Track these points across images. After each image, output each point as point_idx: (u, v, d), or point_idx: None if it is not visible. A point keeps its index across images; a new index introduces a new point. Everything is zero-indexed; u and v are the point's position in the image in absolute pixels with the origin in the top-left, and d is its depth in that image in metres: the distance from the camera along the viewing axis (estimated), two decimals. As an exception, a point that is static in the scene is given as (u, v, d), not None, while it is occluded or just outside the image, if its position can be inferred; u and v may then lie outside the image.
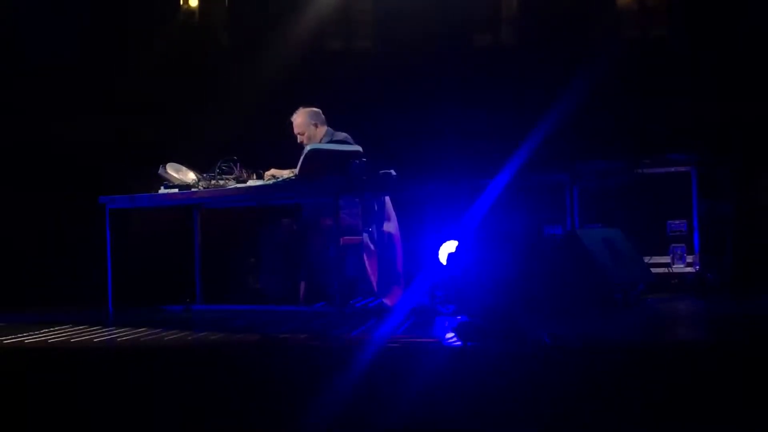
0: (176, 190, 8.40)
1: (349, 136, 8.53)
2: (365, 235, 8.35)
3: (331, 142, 8.48)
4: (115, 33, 14.26)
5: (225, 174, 8.24)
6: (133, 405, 5.27)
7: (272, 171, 8.27)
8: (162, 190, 8.52)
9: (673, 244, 9.85)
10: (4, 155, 13.58)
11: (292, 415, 5.11)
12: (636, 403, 5.08)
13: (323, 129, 8.73)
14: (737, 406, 5.06)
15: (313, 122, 8.70)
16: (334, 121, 8.93)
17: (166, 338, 6.17)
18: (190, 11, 15.36)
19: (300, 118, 8.72)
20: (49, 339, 6.22)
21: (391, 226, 8.49)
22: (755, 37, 13.23)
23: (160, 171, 8.48)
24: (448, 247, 8.11)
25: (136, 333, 6.51)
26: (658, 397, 5.08)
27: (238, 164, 8.22)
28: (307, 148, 7.92)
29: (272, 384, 5.24)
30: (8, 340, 6.16)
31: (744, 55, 13.54)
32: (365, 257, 8.28)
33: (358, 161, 7.66)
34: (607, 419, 5.06)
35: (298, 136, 8.65)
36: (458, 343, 5.59)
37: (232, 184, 8.18)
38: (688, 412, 5.06)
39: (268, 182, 8.06)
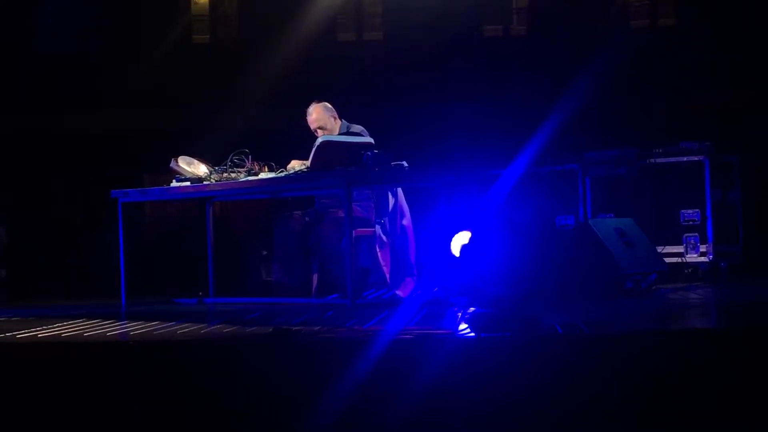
0: (188, 184, 8.40)
1: (364, 129, 8.52)
2: (378, 227, 8.36)
3: (347, 133, 8.47)
4: (129, 28, 14.29)
5: (237, 167, 8.23)
6: (146, 398, 5.28)
7: (294, 162, 8.26)
8: (174, 184, 8.52)
9: (687, 234, 9.84)
10: (20, 147, 13.62)
11: (305, 408, 5.11)
12: (650, 391, 5.07)
13: (339, 121, 8.73)
14: (750, 393, 5.05)
15: (331, 115, 8.68)
16: (345, 112, 8.92)
17: (179, 331, 6.18)
18: (202, 4, 15.38)
19: (318, 113, 8.67)
20: (63, 333, 6.23)
21: (403, 218, 8.50)
22: (763, 24, 13.20)
23: (172, 164, 8.48)
24: (460, 239, 8.09)
25: (149, 326, 6.51)
26: (671, 386, 5.08)
27: (250, 157, 8.22)
28: (319, 139, 7.91)
29: (285, 376, 5.24)
30: (22, 334, 6.17)
31: (752, 42, 13.51)
32: (378, 249, 8.28)
33: (370, 152, 7.66)
34: (620, 407, 5.06)
35: (318, 131, 8.59)
36: (471, 334, 5.59)
37: (244, 177, 8.18)
38: (700, 399, 5.05)
39: (279, 174, 8.06)
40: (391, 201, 8.43)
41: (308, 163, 7.93)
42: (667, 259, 9.27)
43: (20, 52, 13.96)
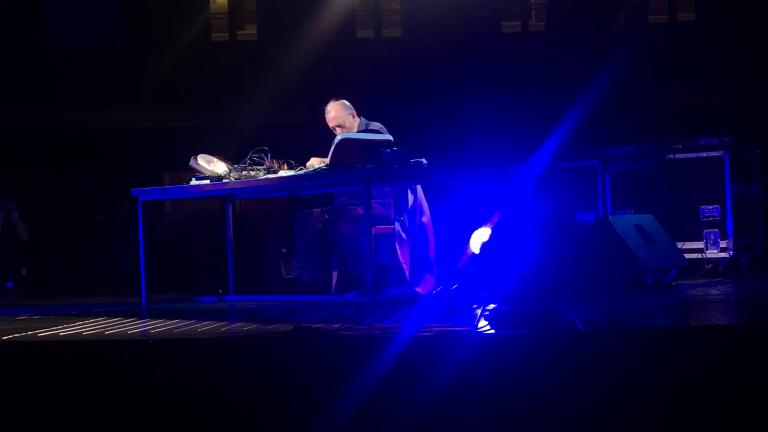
0: (208, 182, 8.42)
1: (383, 126, 8.53)
2: (397, 224, 8.36)
3: (366, 131, 8.48)
4: (148, 26, 14.34)
5: (256, 165, 8.23)
6: (167, 396, 5.30)
7: (313, 160, 8.27)
8: (193, 182, 8.54)
9: (707, 230, 9.81)
10: (40, 145, 13.68)
11: (325, 405, 5.12)
12: (669, 386, 5.07)
13: (358, 119, 8.72)
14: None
15: (350, 112, 8.68)
16: (364, 108, 8.93)
17: (199, 329, 6.20)
18: (221, 3, 15.42)
19: (336, 111, 8.66)
20: (84, 331, 6.26)
21: (422, 215, 8.50)
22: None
23: (191, 162, 8.49)
24: (480, 235, 8.09)
25: (169, 324, 6.54)
26: (691, 381, 5.07)
27: (269, 154, 8.22)
28: (338, 137, 7.91)
29: (305, 373, 5.26)
30: (43, 332, 6.20)
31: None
32: (397, 246, 8.28)
33: (389, 150, 7.65)
34: (640, 403, 5.05)
35: (337, 128, 8.59)
36: (491, 331, 5.59)
37: (263, 175, 8.18)
38: (719, 395, 5.04)
39: (298, 172, 8.06)
40: (411, 198, 8.43)
41: (327, 160, 7.93)
42: (687, 255, 9.25)
43: (40, 48, 14.02)
